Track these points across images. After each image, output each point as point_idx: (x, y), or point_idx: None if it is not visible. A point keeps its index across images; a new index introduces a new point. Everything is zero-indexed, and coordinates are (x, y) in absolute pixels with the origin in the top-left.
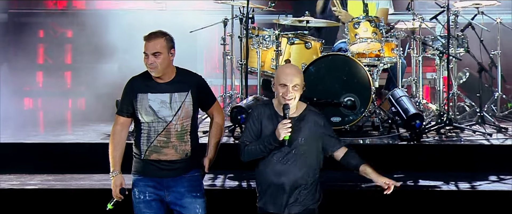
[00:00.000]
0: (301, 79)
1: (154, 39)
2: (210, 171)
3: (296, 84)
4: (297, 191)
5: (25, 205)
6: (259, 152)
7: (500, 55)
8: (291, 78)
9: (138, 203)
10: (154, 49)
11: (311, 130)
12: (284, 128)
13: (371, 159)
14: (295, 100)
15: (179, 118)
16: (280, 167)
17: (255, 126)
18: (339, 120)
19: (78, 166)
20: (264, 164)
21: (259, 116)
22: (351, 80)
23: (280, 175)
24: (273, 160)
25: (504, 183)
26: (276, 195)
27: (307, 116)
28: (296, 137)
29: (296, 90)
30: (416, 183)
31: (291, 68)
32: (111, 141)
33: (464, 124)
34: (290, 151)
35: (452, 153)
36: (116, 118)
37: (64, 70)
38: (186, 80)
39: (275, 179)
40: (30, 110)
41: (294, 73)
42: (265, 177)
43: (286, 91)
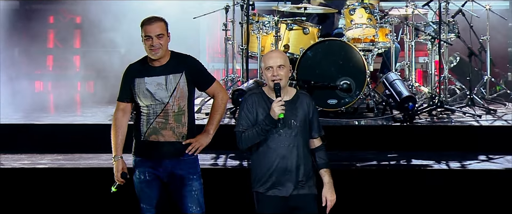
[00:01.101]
0: (286, 61)
1: (155, 22)
2: (212, 151)
3: (280, 64)
4: (301, 171)
5: (35, 183)
6: (256, 136)
7: (489, 40)
8: (274, 60)
9: (139, 183)
10: (157, 31)
11: (304, 111)
12: (278, 106)
13: (366, 140)
14: (284, 80)
15: (175, 99)
16: (282, 150)
17: (250, 113)
18: (336, 102)
19: (87, 146)
20: (264, 150)
21: (253, 103)
22: (347, 65)
23: (283, 158)
24: (273, 145)
25: (492, 162)
26: (282, 178)
27: (299, 98)
28: (292, 119)
29: (282, 70)
30: (409, 162)
31: (274, 52)
32: (113, 127)
33: (454, 106)
34: (288, 133)
35: (443, 134)
36: (117, 104)
37: (73, 55)
38: (179, 62)
39: (279, 162)
40: (41, 92)
41: (278, 55)
42: (267, 162)
43: (273, 72)
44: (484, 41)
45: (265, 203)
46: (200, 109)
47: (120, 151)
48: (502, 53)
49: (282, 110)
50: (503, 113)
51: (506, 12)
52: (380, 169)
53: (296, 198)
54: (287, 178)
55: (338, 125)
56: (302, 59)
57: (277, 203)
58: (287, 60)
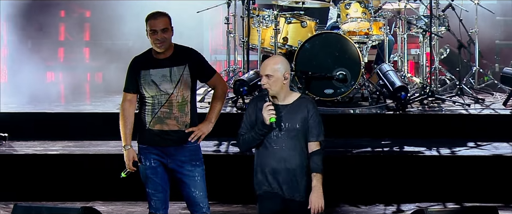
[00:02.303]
0: (277, 69)
1: (160, 17)
2: (215, 138)
3: (268, 74)
4: (299, 175)
5: (47, 168)
6: (252, 139)
7: (478, 33)
8: (264, 68)
9: (145, 169)
10: (162, 25)
11: (303, 114)
12: (266, 110)
13: (361, 127)
14: (273, 87)
15: (179, 89)
16: (280, 153)
17: (251, 118)
18: (332, 91)
19: (96, 133)
20: (264, 152)
21: (255, 107)
22: (343, 56)
23: (281, 161)
24: (272, 148)
25: (481, 149)
26: (279, 180)
27: (300, 103)
28: (289, 122)
29: (270, 79)
30: (401, 148)
31: (269, 59)
32: (121, 117)
33: (445, 95)
34: (287, 136)
35: (434, 122)
36: (123, 95)
37: (83, 47)
38: (183, 55)
39: (277, 165)
40: (52, 82)
41: (269, 64)
42: (266, 165)
43: (263, 80)
44: (472, 34)
45: (263, 203)
46: (204, 98)
47: (130, 140)
48: (489, 46)
49: (271, 115)
50: (491, 102)
51: (494, 7)
52: (374, 155)
53: (290, 202)
54: (284, 180)
55: (334, 113)
56: (300, 51)
57: (273, 201)
58: (280, 69)
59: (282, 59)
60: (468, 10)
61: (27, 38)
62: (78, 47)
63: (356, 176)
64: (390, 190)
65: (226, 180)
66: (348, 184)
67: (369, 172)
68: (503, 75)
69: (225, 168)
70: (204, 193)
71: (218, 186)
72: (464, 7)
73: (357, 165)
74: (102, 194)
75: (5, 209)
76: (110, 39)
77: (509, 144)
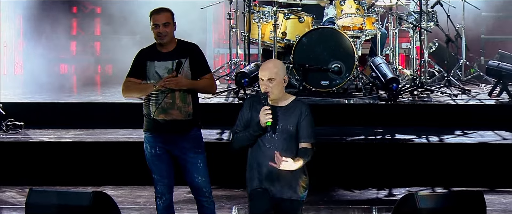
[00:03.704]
0: (277, 73)
1: (163, 12)
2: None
3: (269, 78)
4: (290, 175)
5: (61, 155)
6: (246, 139)
7: (464, 28)
8: (265, 73)
9: (151, 156)
10: (164, 20)
11: (296, 117)
12: (263, 114)
13: (355, 116)
14: (274, 91)
15: None
16: (272, 153)
17: (246, 116)
18: (328, 83)
19: (106, 122)
20: (257, 151)
21: (250, 106)
22: (338, 50)
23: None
24: (265, 147)
25: (467, 137)
26: (271, 180)
27: (295, 105)
28: (285, 125)
29: (271, 82)
30: (392, 136)
31: (268, 63)
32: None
33: (433, 87)
34: (280, 137)
35: (423, 111)
36: (125, 79)
37: (94, 41)
38: (184, 49)
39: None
40: (65, 74)
41: (268, 68)
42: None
43: (263, 84)
44: (459, 29)
45: (253, 201)
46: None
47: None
48: (475, 40)
49: (268, 118)
50: (477, 93)
51: (479, 3)
52: (367, 143)
53: (281, 201)
54: (276, 180)
55: (330, 103)
56: (298, 45)
57: (263, 200)
58: (279, 72)
59: (280, 63)
60: (455, 7)
61: (42, 32)
62: (89, 41)
63: (350, 162)
64: (382, 175)
65: (228, 166)
66: (343, 170)
67: (362, 159)
68: (488, 68)
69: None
70: (206, 178)
71: (221, 172)
72: (451, 4)
73: (351, 151)
74: (112, 179)
75: (21, 193)
76: (119, 33)
77: (494, 132)
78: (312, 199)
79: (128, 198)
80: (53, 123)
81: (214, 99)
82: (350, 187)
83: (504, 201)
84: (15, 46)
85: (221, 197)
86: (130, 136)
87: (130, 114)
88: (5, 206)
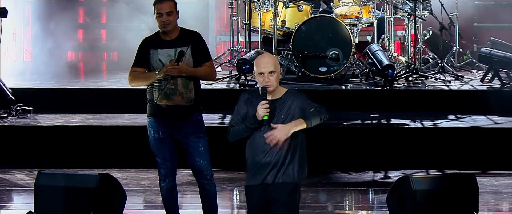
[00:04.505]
0: (276, 65)
1: (166, 2)
2: (219, 112)
3: (271, 70)
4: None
5: (68, 139)
6: (242, 131)
7: (458, 16)
8: (265, 65)
9: (154, 140)
10: (167, 9)
11: (290, 108)
12: (262, 108)
13: (352, 102)
14: (274, 84)
15: None
16: (268, 145)
17: (242, 109)
18: (326, 69)
19: (112, 107)
20: (253, 143)
21: (246, 100)
22: (336, 37)
23: (268, 151)
24: (261, 139)
25: (460, 121)
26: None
27: (288, 97)
28: (278, 117)
29: (272, 75)
30: (388, 121)
31: (265, 57)
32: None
33: (427, 73)
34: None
35: (418, 97)
36: (131, 69)
37: (100, 29)
38: (187, 37)
39: (264, 155)
40: (72, 61)
41: (268, 61)
42: (255, 155)
43: (265, 78)
44: (453, 17)
45: (249, 192)
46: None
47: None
48: (468, 28)
49: (266, 112)
50: (469, 79)
51: None
52: (363, 127)
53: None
54: (271, 169)
55: (328, 89)
56: (297, 33)
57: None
58: (277, 64)
59: (274, 56)
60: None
61: (50, 20)
62: (96, 29)
63: (347, 145)
64: (378, 158)
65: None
66: (340, 153)
67: (359, 142)
68: (481, 55)
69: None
70: (207, 161)
71: (222, 155)
72: None
73: (348, 135)
74: (117, 162)
75: (30, 176)
76: (124, 22)
77: (486, 117)
78: (310, 181)
79: (133, 180)
80: (61, 107)
81: (216, 85)
82: (347, 169)
83: (496, 183)
84: (24, 33)
85: (222, 179)
86: (135, 120)
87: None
88: (14, 187)
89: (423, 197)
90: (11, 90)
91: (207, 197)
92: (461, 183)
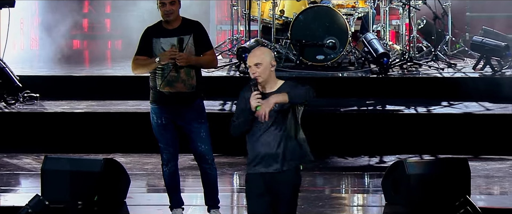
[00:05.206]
0: (264, 58)
1: None
2: (220, 98)
3: (257, 63)
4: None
5: (74, 125)
6: (241, 125)
7: (451, 6)
8: (252, 59)
9: (157, 126)
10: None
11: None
12: (253, 99)
13: (348, 89)
14: (262, 76)
15: None
16: (267, 134)
17: (242, 104)
18: (323, 57)
19: (116, 94)
20: (253, 134)
21: (246, 96)
22: (332, 26)
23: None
24: (260, 130)
25: (453, 108)
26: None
27: (282, 88)
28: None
29: (259, 67)
30: (383, 107)
31: (256, 50)
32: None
33: (421, 61)
34: (272, 118)
35: (412, 84)
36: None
37: (105, 18)
38: (189, 26)
39: (264, 145)
40: (78, 49)
41: (256, 55)
42: (256, 146)
43: (252, 70)
44: (446, 7)
45: (250, 181)
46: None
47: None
48: (461, 17)
49: (258, 103)
50: (462, 66)
51: None
52: (359, 113)
53: (277, 175)
54: (271, 158)
55: (325, 76)
56: (295, 22)
57: (259, 179)
58: (267, 57)
59: (267, 50)
60: None
61: (55, 10)
62: (101, 18)
63: (343, 131)
64: (374, 143)
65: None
66: (337, 139)
67: (355, 128)
68: (473, 43)
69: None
70: (209, 146)
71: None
72: None
73: (344, 122)
74: (121, 147)
75: (36, 160)
76: (128, 11)
77: (478, 103)
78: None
79: (136, 165)
80: (66, 94)
81: (216, 73)
82: (344, 154)
83: (487, 168)
84: (31, 22)
85: (223, 163)
86: (138, 107)
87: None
88: (22, 172)
89: (417, 181)
90: (18, 78)
91: (208, 181)
92: (454, 167)
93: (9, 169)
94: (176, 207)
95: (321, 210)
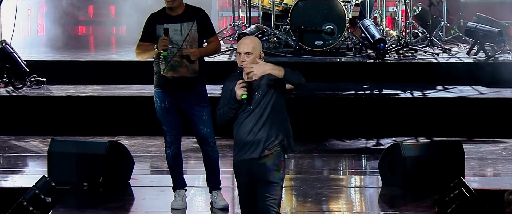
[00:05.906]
0: (254, 48)
1: None
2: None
3: (247, 51)
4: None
5: (79, 108)
6: (227, 113)
7: None
8: (242, 47)
9: (160, 109)
10: None
11: (264, 83)
12: (239, 88)
13: (346, 73)
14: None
15: (188, 42)
16: (251, 120)
17: (227, 93)
18: (321, 43)
19: (121, 78)
20: (239, 121)
21: (230, 85)
22: (331, 13)
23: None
24: (245, 116)
25: (448, 92)
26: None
27: (269, 76)
28: (255, 95)
29: (248, 57)
30: (380, 92)
31: (246, 39)
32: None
33: (417, 46)
34: (256, 104)
35: (408, 69)
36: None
37: (110, 4)
38: (192, 13)
39: (249, 131)
40: (84, 35)
41: (246, 43)
42: (241, 133)
43: (241, 58)
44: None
45: (236, 170)
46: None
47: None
48: (455, 3)
49: (243, 91)
50: (456, 52)
51: None
52: (357, 97)
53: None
54: (250, 149)
55: (323, 61)
56: (294, 9)
57: (244, 167)
58: (257, 47)
59: (257, 40)
60: None
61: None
62: (106, 5)
63: (341, 115)
64: (371, 126)
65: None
66: (335, 122)
67: (353, 112)
68: (467, 29)
69: None
70: (211, 129)
71: None
72: None
73: (342, 105)
74: (125, 130)
75: (43, 143)
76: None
77: (472, 87)
78: (307, 148)
79: (140, 147)
80: (72, 79)
81: (218, 58)
82: (342, 137)
83: (481, 150)
84: (37, 9)
85: (224, 146)
86: (142, 91)
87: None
88: (29, 154)
89: (413, 162)
90: (26, 63)
91: (210, 163)
92: (449, 150)
93: (16, 151)
94: (179, 188)
95: (320, 191)
